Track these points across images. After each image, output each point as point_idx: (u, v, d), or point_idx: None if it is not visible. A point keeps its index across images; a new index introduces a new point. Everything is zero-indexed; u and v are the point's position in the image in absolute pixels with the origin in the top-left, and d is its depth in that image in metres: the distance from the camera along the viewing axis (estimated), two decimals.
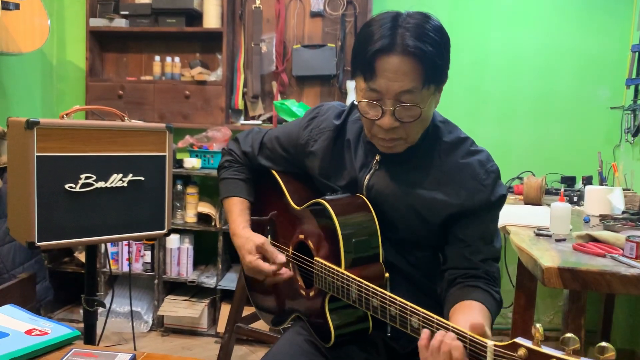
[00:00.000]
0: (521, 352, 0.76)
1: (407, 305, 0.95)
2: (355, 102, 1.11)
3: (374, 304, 1.02)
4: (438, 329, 0.89)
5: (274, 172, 1.39)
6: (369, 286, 1.03)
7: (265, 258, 1.25)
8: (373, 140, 1.15)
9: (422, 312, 0.92)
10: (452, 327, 0.88)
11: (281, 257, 1.23)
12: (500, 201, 1.16)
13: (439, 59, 1.05)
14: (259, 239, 1.26)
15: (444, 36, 1.07)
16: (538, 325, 0.75)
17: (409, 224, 1.17)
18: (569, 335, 0.72)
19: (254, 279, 1.33)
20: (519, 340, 0.77)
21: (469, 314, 0.99)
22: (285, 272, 1.24)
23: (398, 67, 1.03)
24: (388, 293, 0.99)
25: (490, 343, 0.80)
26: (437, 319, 0.90)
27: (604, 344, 0.69)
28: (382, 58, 1.03)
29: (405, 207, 1.16)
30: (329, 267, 1.13)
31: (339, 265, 1.12)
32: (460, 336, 0.85)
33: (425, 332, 0.90)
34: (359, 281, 1.05)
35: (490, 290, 1.11)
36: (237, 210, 1.36)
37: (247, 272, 1.29)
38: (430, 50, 1.03)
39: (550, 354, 0.73)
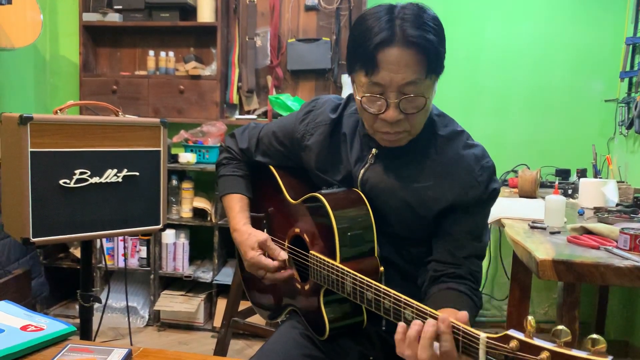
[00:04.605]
0: (513, 344, 0.76)
1: (400, 297, 0.95)
2: (358, 97, 1.10)
3: (368, 296, 1.02)
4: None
5: (271, 167, 1.39)
6: (363, 279, 1.03)
7: (266, 254, 1.25)
8: (375, 135, 1.14)
9: (416, 304, 0.92)
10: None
11: (283, 254, 1.24)
12: (493, 196, 1.16)
13: (441, 47, 1.06)
14: (261, 235, 1.27)
15: (441, 25, 1.08)
16: (530, 317, 0.76)
17: (403, 218, 1.17)
18: (560, 327, 0.73)
19: (251, 274, 1.33)
20: (511, 332, 0.77)
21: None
22: (286, 271, 1.24)
23: (400, 58, 1.02)
24: (382, 286, 1.00)
25: (482, 335, 0.81)
26: (430, 311, 0.90)
27: (595, 336, 0.69)
28: (384, 51, 1.03)
29: (399, 201, 1.16)
30: (324, 260, 1.13)
31: (334, 258, 1.12)
32: (453, 328, 0.86)
33: (400, 326, 0.90)
34: (353, 274, 1.06)
35: (473, 297, 1.12)
36: (238, 207, 1.37)
37: (247, 268, 1.30)
38: (433, 38, 1.03)
39: (541, 346, 0.73)
